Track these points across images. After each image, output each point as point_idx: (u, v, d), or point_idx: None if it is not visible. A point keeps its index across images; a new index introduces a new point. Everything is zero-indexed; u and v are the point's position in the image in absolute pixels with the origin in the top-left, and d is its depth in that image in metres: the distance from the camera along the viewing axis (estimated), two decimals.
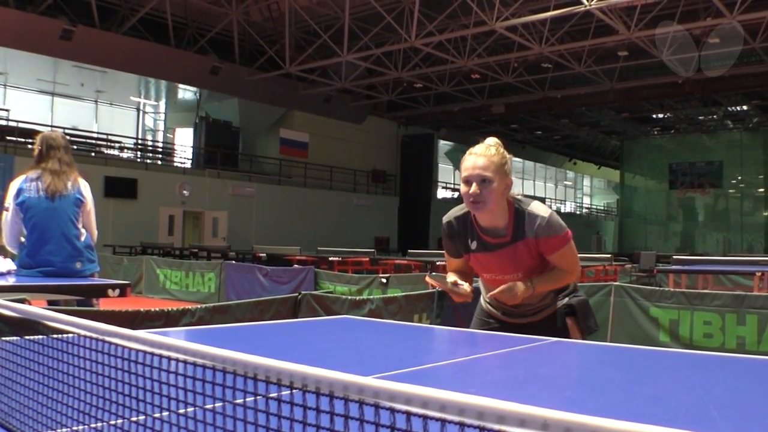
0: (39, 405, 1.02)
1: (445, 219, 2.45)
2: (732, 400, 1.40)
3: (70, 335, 0.94)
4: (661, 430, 0.46)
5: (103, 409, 0.86)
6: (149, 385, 0.79)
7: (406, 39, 17.14)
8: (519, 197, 2.36)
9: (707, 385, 1.59)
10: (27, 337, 1.12)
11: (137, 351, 0.76)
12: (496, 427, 0.45)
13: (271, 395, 0.65)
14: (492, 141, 2.33)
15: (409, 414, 0.51)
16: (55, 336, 0.99)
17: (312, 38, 19.60)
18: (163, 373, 0.77)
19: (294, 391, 0.61)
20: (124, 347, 0.78)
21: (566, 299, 2.45)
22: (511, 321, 2.46)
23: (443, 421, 0.49)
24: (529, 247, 2.30)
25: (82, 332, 0.84)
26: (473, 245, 2.37)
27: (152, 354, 0.75)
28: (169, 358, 0.74)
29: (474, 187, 2.23)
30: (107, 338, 0.79)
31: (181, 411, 0.77)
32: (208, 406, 0.76)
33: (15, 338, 1.17)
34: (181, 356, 0.72)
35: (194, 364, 0.71)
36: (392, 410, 0.52)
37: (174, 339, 0.75)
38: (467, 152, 2.31)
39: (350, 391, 0.56)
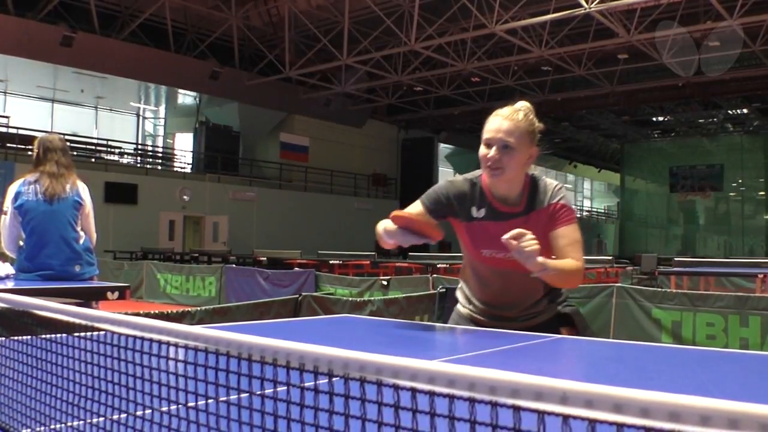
0: (30, 400, 0.99)
1: (453, 179, 2.27)
2: (741, 396, 1.37)
3: (64, 332, 0.91)
4: (672, 396, 0.43)
5: (93, 399, 0.84)
6: (139, 371, 0.76)
7: (406, 42, 17.15)
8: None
9: (715, 380, 1.55)
10: (20, 336, 1.09)
11: (127, 336, 0.74)
12: (510, 401, 0.42)
13: (271, 379, 0.62)
14: (521, 105, 2.14)
15: (414, 390, 0.48)
16: (47, 330, 0.96)
17: (312, 42, 19.63)
18: (154, 359, 0.74)
19: (291, 370, 0.59)
20: (114, 333, 0.76)
21: (559, 307, 2.27)
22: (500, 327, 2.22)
23: (452, 397, 0.46)
24: (540, 220, 2.13)
25: (74, 320, 0.81)
26: (480, 213, 2.18)
27: (142, 339, 0.72)
28: (160, 342, 0.71)
29: (494, 152, 2.06)
30: (96, 324, 0.77)
31: (174, 398, 0.75)
32: (225, 398, 0.73)
33: (6, 335, 1.14)
34: (172, 339, 0.69)
35: (185, 347, 0.69)
36: (396, 387, 0.49)
37: (167, 323, 0.72)
38: (493, 113, 2.13)
39: (350, 368, 0.53)
